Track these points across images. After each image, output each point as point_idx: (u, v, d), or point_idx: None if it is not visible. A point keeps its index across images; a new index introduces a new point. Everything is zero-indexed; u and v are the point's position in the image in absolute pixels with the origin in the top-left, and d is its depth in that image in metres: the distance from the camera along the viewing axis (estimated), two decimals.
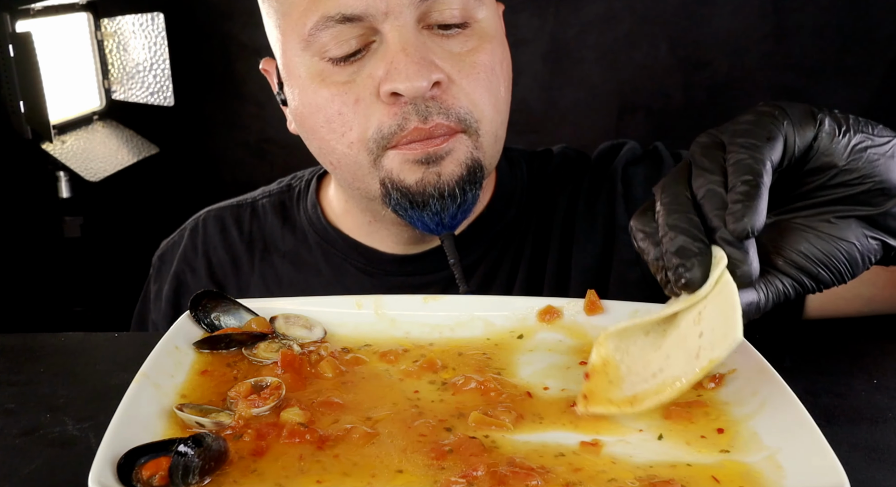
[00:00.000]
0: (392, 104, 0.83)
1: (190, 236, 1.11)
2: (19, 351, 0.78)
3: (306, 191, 1.10)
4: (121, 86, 2.12)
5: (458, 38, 0.86)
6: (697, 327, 0.58)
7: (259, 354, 0.70)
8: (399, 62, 0.81)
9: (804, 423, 0.57)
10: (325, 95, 0.86)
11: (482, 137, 0.88)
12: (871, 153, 0.60)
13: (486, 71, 0.87)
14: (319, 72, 0.86)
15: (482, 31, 0.88)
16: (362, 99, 0.85)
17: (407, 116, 0.83)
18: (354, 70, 0.85)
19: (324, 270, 1.04)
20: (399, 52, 0.81)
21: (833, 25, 2.15)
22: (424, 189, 0.86)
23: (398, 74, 0.81)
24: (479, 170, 0.88)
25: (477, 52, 0.87)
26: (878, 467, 0.59)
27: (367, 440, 0.58)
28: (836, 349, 0.78)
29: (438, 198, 0.86)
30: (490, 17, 0.89)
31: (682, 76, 2.27)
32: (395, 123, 0.84)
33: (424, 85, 0.81)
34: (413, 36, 0.82)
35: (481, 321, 0.77)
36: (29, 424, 0.64)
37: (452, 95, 0.85)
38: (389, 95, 0.83)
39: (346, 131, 0.86)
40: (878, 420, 0.65)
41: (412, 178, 0.86)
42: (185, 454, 0.52)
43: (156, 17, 2.01)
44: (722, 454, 0.58)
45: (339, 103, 0.86)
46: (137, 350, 0.67)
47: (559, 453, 0.58)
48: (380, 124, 0.84)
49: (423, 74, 0.81)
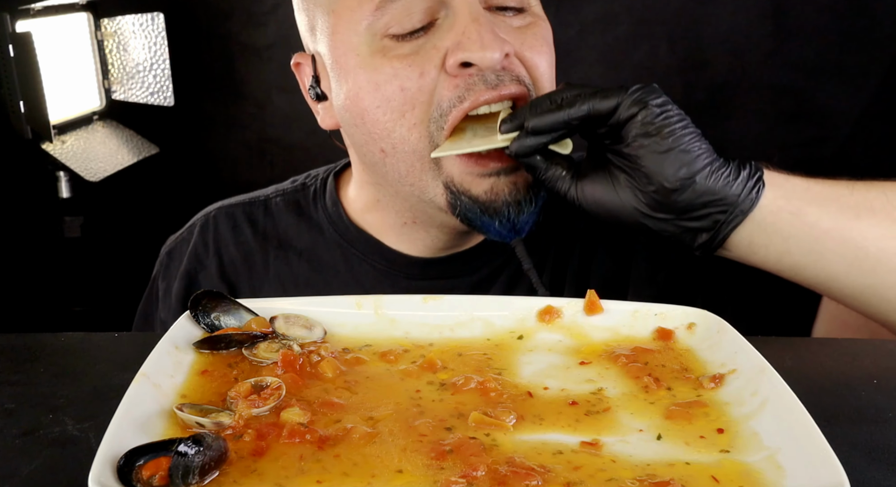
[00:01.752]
0: (457, 75, 0.83)
1: (200, 232, 1.09)
2: (19, 351, 0.78)
3: (324, 189, 1.08)
4: (121, 86, 2.12)
5: (515, 18, 0.89)
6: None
7: (259, 354, 0.70)
8: (472, 32, 0.82)
9: (804, 423, 0.57)
10: (386, 71, 0.84)
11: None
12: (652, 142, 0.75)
13: (544, 46, 0.90)
14: (381, 48, 0.85)
15: (535, 12, 0.92)
16: (427, 72, 0.83)
17: (471, 86, 0.83)
18: (418, 45, 0.84)
19: (342, 269, 1.03)
20: (471, 23, 0.82)
21: (833, 25, 2.15)
22: (497, 198, 0.85)
23: (472, 44, 0.81)
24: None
25: (535, 27, 0.90)
26: (878, 467, 0.59)
27: (368, 440, 0.58)
28: (836, 349, 0.78)
29: (514, 205, 0.86)
30: (538, 4, 0.93)
31: (682, 76, 2.27)
32: (456, 95, 0.83)
33: (498, 56, 0.82)
34: (482, 9, 0.84)
35: (481, 321, 0.77)
36: (29, 424, 0.64)
37: (519, 67, 0.87)
38: (458, 65, 0.82)
39: (407, 111, 0.84)
40: (878, 420, 0.65)
41: (479, 188, 0.85)
42: (185, 454, 0.52)
43: (156, 17, 2.01)
44: (722, 454, 0.58)
45: (403, 77, 0.84)
46: (137, 350, 0.66)
47: (558, 451, 0.58)
48: (439, 101, 0.83)
49: (497, 43, 0.82)
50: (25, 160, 1.99)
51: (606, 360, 0.72)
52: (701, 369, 0.70)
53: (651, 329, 0.76)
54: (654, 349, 0.73)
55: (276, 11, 2.29)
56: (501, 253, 1.00)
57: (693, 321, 0.75)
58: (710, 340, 0.73)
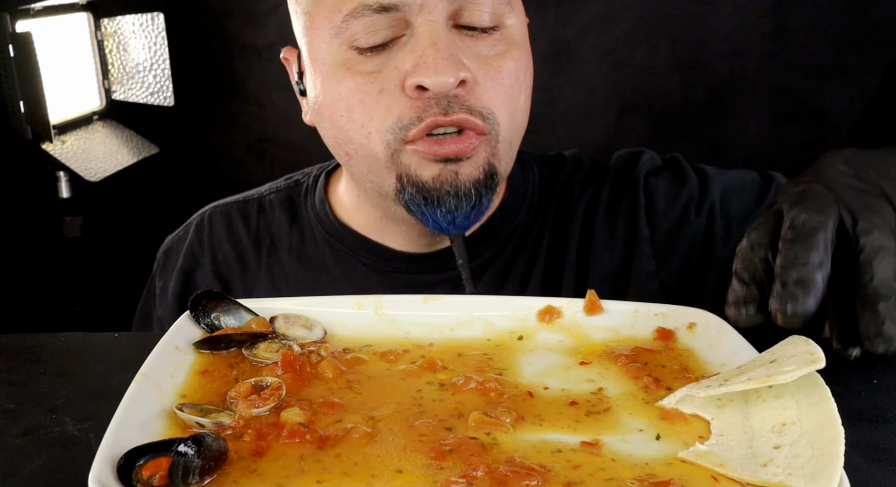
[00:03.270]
0: (416, 98, 0.84)
1: (195, 231, 1.11)
2: (19, 351, 0.78)
3: (314, 186, 1.09)
4: (121, 86, 2.12)
5: (486, 41, 0.86)
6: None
7: (259, 354, 0.70)
8: (428, 56, 0.82)
9: None
10: (349, 84, 0.86)
11: (499, 143, 0.88)
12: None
13: (510, 76, 0.87)
14: (345, 60, 0.86)
15: (510, 37, 0.88)
16: (387, 90, 0.85)
17: (427, 109, 0.83)
18: (381, 61, 0.85)
19: (331, 267, 1.04)
20: (429, 47, 0.82)
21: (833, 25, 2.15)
22: (441, 186, 0.86)
23: (426, 68, 0.81)
24: (495, 175, 0.89)
25: (503, 57, 0.87)
26: (878, 467, 0.59)
27: (368, 439, 0.58)
28: None
29: (454, 196, 0.86)
30: (518, 25, 0.90)
31: (682, 76, 2.27)
32: (415, 115, 0.84)
33: (451, 81, 0.82)
34: (444, 32, 0.83)
35: (481, 321, 0.77)
36: (29, 424, 0.64)
37: (475, 95, 0.85)
38: (415, 88, 0.83)
39: (365, 122, 0.86)
40: (878, 420, 0.65)
41: (428, 174, 0.86)
42: (185, 454, 0.52)
43: (156, 17, 2.01)
44: None
45: (363, 93, 0.85)
46: (137, 350, 0.67)
47: (557, 450, 0.58)
48: (400, 116, 0.84)
49: (451, 69, 0.81)
50: (25, 160, 1.99)
51: (607, 360, 0.72)
52: (701, 369, 0.70)
53: (651, 329, 0.76)
54: (654, 349, 0.73)
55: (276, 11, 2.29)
56: (489, 248, 1.01)
57: (693, 321, 0.75)
58: (710, 340, 0.73)
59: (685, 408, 0.63)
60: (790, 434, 0.56)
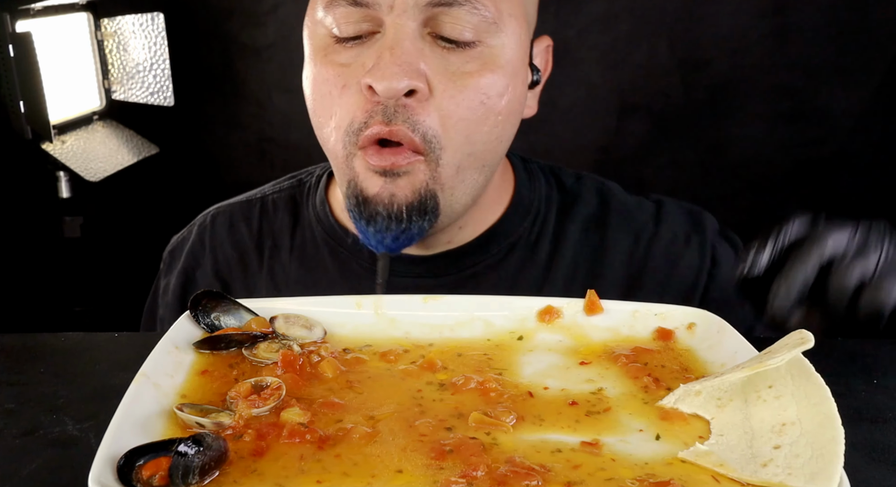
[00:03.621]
0: (368, 100, 0.82)
1: (198, 232, 1.11)
2: (19, 351, 0.78)
3: (316, 187, 1.08)
4: (121, 86, 2.12)
5: (459, 56, 0.83)
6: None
7: (259, 354, 0.70)
8: (383, 59, 0.80)
9: None
10: (322, 73, 0.86)
11: (441, 167, 0.85)
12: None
13: (474, 97, 0.83)
14: (325, 47, 0.86)
15: (490, 56, 0.84)
16: (349, 87, 0.84)
17: (374, 114, 0.82)
18: (354, 54, 0.84)
19: (331, 268, 1.03)
20: (386, 50, 0.80)
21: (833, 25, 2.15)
22: (377, 204, 0.85)
23: (378, 71, 0.80)
24: (432, 200, 0.86)
25: (472, 75, 0.83)
26: (878, 467, 0.59)
27: (368, 439, 0.58)
28: (835, 349, 0.78)
29: (385, 217, 0.85)
30: (507, 46, 0.85)
31: (682, 76, 2.27)
32: (363, 120, 0.83)
33: (397, 87, 0.79)
34: (408, 38, 0.81)
35: (481, 322, 0.77)
36: (29, 424, 0.64)
37: (426, 110, 0.82)
38: (367, 88, 0.81)
39: (331, 115, 0.86)
40: (878, 420, 0.65)
41: (372, 189, 0.85)
42: (185, 454, 0.52)
43: (156, 17, 2.01)
44: None
45: (330, 85, 0.85)
46: (137, 350, 0.66)
47: (557, 449, 0.58)
48: (353, 117, 0.84)
49: (398, 76, 0.79)
50: (25, 160, 1.99)
51: (606, 360, 0.72)
52: (701, 369, 0.70)
53: (651, 329, 0.76)
54: (654, 349, 0.73)
55: (276, 11, 2.29)
56: (492, 254, 1.01)
57: (693, 321, 0.75)
58: (710, 340, 0.73)
59: (685, 408, 0.63)
60: (790, 434, 0.56)
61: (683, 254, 1.04)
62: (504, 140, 0.90)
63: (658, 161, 2.36)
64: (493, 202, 1.02)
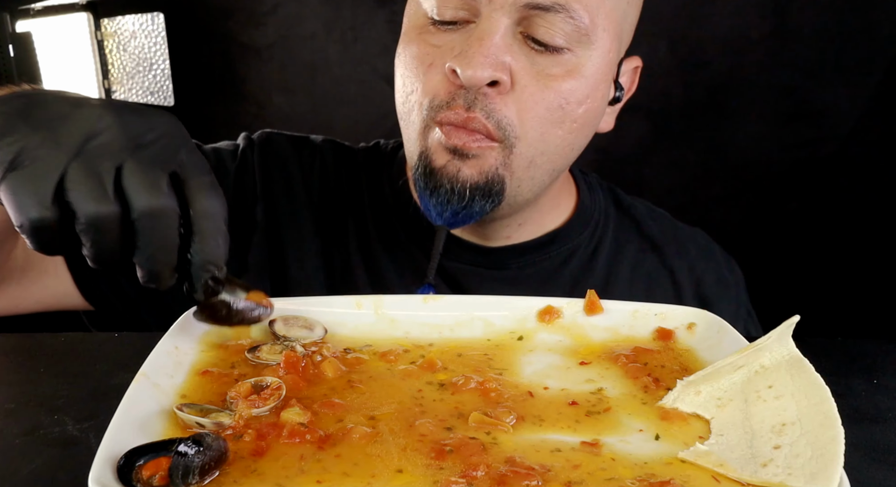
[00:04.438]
0: (452, 82, 0.85)
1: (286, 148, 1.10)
2: (19, 351, 0.78)
3: (392, 159, 1.09)
4: (121, 86, 2.12)
5: (546, 59, 0.85)
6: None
7: (262, 356, 0.69)
8: (471, 47, 0.83)
9: None
10: (413, 50, 0.89)
11: (514, 156, 0.87)
12: None
13: (554, 99, 0.86)
14: (420, 26, 0.89)
15: (576, 64, 0.86)
16: (435, 66, 0.87)
17: (457, 96, 0.85)
18: (447, 39, 0.87)
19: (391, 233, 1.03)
20: (476, 39, 0.83)
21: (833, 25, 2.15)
22: (442, 176, 0.87)
23: (465, 58, 0.82)
24: (499, 185, 0.88)
25: (557, 78, 0.85)
26: (878, 467, 0.59)
27: (368, 439, 0.58)
28: (835, 349, 0.78)
29: (448, 191, 0.87)
30: (595, 58, 0.87)
31: (682, 76, 2.27)
32: (445, 99, 0.85)
33: (479, 77, 0.82)
34: (500, 32, 0.83)
35: (481, 321, 0.77)
36: (29, 424, 0.64)
37: (505, 102, 0.85)
38: (451, 71, 0.84)
39: (413, 90, 0.89)
40: (878, 420, 0.65)
41: (440, 161, 0.87)
42: (185, 454, 0.52)
43: (156, 17, 2.01)
44: None
45: (418, 62, 0.89)
46: (137, 350, 0.66)
47: (556, 449, 0.58)
48: (435, 94, 0.86)
49: (484, 66, 0.82)
50: None
51: (606, 360, 0.72)
52: (701, 369, 0.70)
53: (651, 329, 0.76)
54: (654, 349, 0.73)
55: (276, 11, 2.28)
56: (552, 256, 1.03)
57: (693, 321, 0.75)
58: (710, 340, 0.73)
59: (685, 407, 0.63)
60: (790, 434, 0.56)
61: (722, 297, 1.09)
62: (576, 148, 0.93)
63: (658, 161, 2.36)
64: (553, 207, 1.04)
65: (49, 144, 0.58)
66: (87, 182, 0.58)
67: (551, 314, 0.76)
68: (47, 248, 0.60)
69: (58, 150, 0.58)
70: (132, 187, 0.59)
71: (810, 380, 0.59)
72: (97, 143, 0.59)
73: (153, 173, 0.60)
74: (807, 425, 0.56)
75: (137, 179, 0.59)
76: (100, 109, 0.61)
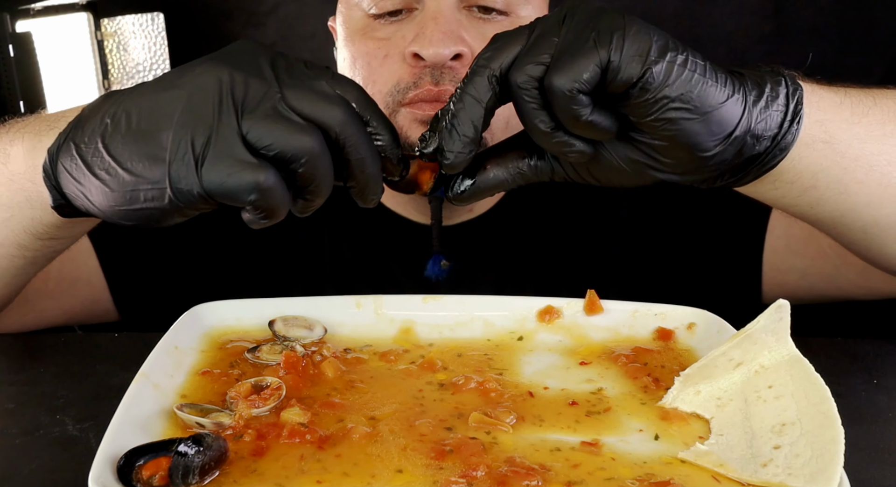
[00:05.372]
0: (413, 66, 0.89)
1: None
2: (19, 351, 0.78)
3: None
4: (121, 86, 2.12)
5: (493, 25, 0.90)
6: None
7: (262, 357, 0.70)
8: (428, 28, 0.87)
9: None
10: (362, 48, 0.93)
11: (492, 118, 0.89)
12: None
13: None
14: (364, 27, 0.93)
15: (519, 23, 0.88)
16: (390, 56, 0.91)
17: (422, 76, 0.88)
18: (393, 30, 0.91)
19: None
20: (430, 20, 0.87)
21: (833, 25, 2.15)
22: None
23: (424, 40, 0.87)
24: (481, 146, 0.89)
25: None
26: (878, 467, 0.59)
27: (368, 439, 0.58)
28: (835, 349, 0.78)
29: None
30: (533, 17, 0.90)
31: None
32: (412, 81, 0.89)
33: (445, 53, 0.86)
34: (449, 9, 0.88)
35: (481, 321, 0.77)
36: (29, 424, 0.64)
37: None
38: (412, 56, 0.88)
39: (369, 83, 0.92)
40: (878, 420, 0.65)
41: (416, 135, 0.89)
42: (185, 454, 0.52)
43: (156, 17, 2.01)
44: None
45: (371, 57, 0.92)
46: (137, 350, 0.66)
47: (556, 448, 0.58)
48: (399, 80, 0.90)
49: (446, 42, 0.86)
50: None
51: (606, 360, 0.72)
52: None
53: (651, 329, 0.76)
54: (653, 349, 0.73)
55: (276, 11, 2.28)
56: (481, 242, 1.03)
57: (693, 321, 0.75)
58: (710, 340, 0.72)
59: (684, 407, 0.63)
60: (790, 434, 0.56)
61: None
62: None
63: None
64: None
65: (200, 122, 0.56)
66: (277, 124, 0.55)
67: (551, 313, 0.76)
68: (279, 208, 0.57)
69: (212, 121, 0.56)
70: (308, 108, 0.56)
71: (810, 380, 0.59)
72: (239, 95, 0.56)
73: (316, 85, 0.58)
74: (807, 425, 0.56)
75: (308, 98, 0.57)
76: (206, 75, 0.59)
